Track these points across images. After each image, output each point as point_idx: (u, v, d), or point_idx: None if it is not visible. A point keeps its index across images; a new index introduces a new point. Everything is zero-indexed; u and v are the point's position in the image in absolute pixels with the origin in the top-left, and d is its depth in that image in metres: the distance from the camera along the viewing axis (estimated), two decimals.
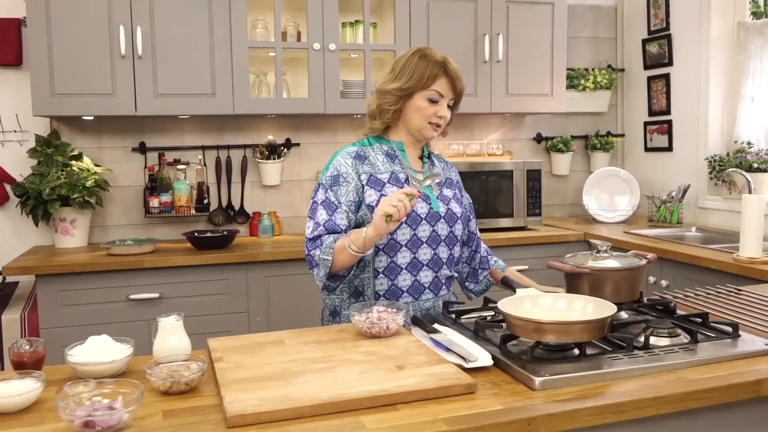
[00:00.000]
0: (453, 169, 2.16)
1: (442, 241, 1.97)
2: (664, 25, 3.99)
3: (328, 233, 1.87)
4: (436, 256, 1.96)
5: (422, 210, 1.94)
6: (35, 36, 3.09)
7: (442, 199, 2.01)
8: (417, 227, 1.92)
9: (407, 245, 1.92)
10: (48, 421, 1.24)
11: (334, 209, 1.90)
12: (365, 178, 1.93)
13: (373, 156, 1.98)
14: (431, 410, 1.25)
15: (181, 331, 1.56)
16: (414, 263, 1.93)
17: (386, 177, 1.95)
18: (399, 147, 2.00)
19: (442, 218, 1.97)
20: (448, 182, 2.08)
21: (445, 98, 1.94)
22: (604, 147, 4.28)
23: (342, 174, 1.92)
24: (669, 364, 1.45)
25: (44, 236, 3.50)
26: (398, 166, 1.98)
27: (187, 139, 3.66)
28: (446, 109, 1.95)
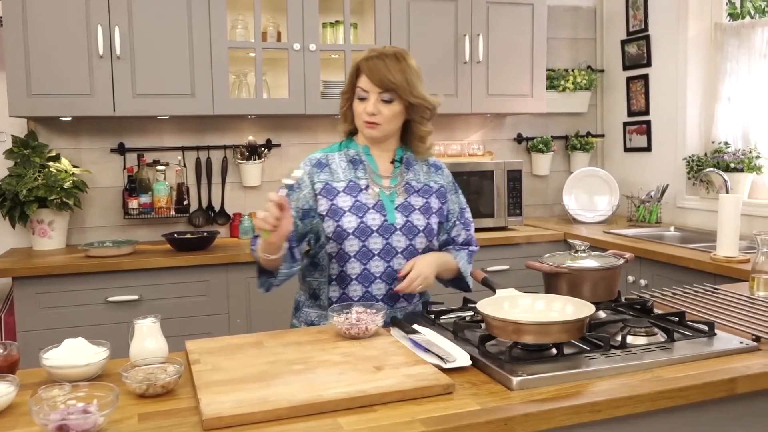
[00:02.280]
0: (440, 173, 2.06)
1: (399, 253, 1.90)
2: (643, 26, 4.02)
3: None
4: (390, 269, 1.89)
5: (373, 222, 1.88)
6: (11, 35, 3.06)
7: (404, 209, 1.92)
8: (367, 239, 1.87)
9: (356, 257, 1.87)
10: (21, 426, 1.23)
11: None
12: (320, 186, 1.90)
13: (336, 163, 1.94)
14: (409, 411, 1.25)
15: (158, 334, 1.55)
16: (365, 275, 1.88)
17: (343, 185, 1.91)
18: (365, 151, 1.96)
19: (398, 230, 1.90)
20: (424, 190, 1.98)
21: (370, 93, 1.86)
22: (584, 147, 4.31)
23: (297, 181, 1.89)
24: (645, 363, 1.46)
25: (21, 238, 3.46)
26: (361, 172, 1.93)
27: (166, 140, 3.64)
28: (374, 105, 1.86)
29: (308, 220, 1.90)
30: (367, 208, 1.89)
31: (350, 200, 1.89)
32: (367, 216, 1.88)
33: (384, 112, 1.87)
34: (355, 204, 1.89)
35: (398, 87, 1.85)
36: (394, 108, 1.88)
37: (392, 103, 1.87)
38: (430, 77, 3.61)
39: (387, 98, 1.87)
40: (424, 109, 1.93)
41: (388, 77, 1.84)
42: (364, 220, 1.87)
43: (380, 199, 1.91)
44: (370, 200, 1.90)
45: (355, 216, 1.87)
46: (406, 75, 1.87)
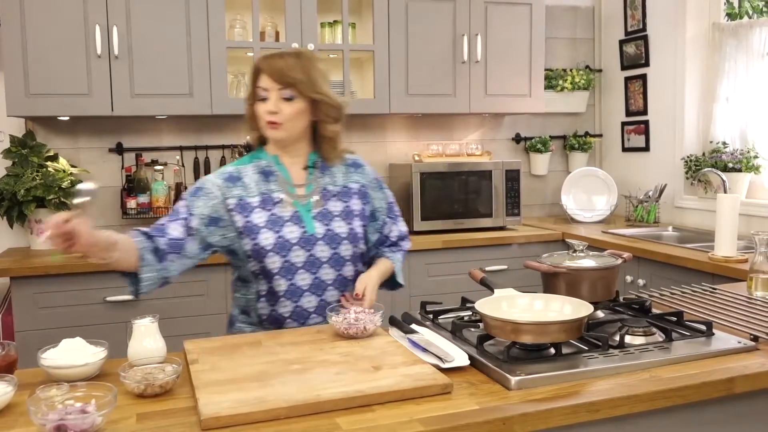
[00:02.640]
0: (361, 171, 1.99)
1: (324, 263, 1.84)
2: (641, 26, 4.03)
3: (148, 235, 1.75)
4: (317, 280, 1.83)
5: (292, 234, 1.81)
6: (10, 35, 3.05)
7: (323, 217, 1.86)
8: (287, 254, 1.80)
9: (280, 273, 1.80)
10: (19, 426, 1.23)
11: (175, 218, 1.79)
12: (233, 202, 1.81)
13: (248, 176, 1.85)
14: (407, 411, 1.25)
15: (156, 333, 1.55)
16: (292, 290, 1.82)
17: (257, 201, 1.83)
18: (275, 161, 1.88)
19: (320, 240, 1.83)
20: (343, 193, 1.92)
21: (270, 91, 1.78)
22: (582, 147, 4.31)
23: (205, 189, 1.82)
24: (643, 362, 1.46)
25: (19, 238, 3.45)
26: (274, 184, 1.86)
27: (164, 140, 3.63)
28: (275, 103, 1.78)
29: (214, 229, 1.80)
30: (283, 222, 1.82)
31: (265, 215, 1.81)
32: (284, 230, 1.81)
33: (285, 111, 1.79)
34: (270, 218, 1.81)
35: (298, 82, 1.77)
36: (295, 106, 1.79)
37: (293, 101, 1.79)
38: (428, 77, 3.65)
39: (287, 95, 1.78)
40: (329, 108, 1.85)
41: (288, 72, 1.77)
42: (282, 234, 1.80)
43: (296, 210, 1.84)
44: (286, 213, 1.83)
45: (272, 231, 1.80)
46: (308, 71, 1.80)
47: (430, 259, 3.44)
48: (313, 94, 1.80)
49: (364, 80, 3.85)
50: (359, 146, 3.96)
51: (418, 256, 3.42)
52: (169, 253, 1.76)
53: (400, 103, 3.63)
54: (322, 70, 1.85)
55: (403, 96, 3.63)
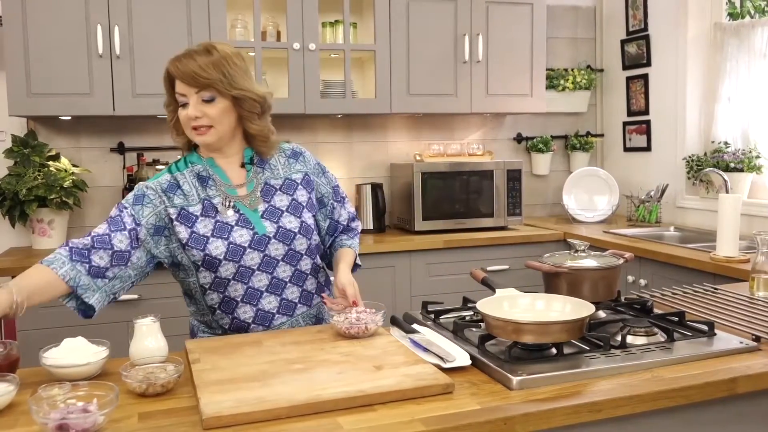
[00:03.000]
0: (302, 159, 1.91)
1: (280, 261, 1.77)
2: (643, 25, 4.02)
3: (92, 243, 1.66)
4: (275, 280, 1.78)
5: (243, 238, 1.73)
6: (11, 35, 3.05)
7: (270, 214, 1.78)
8: (241, 258, 1.73)
9: (236, 278, 1.74)
10: (21, 425, 1.23)
11: (119, 228, 1.69)
12: (175, 212, 1.73)
13: (187, 183, 1.76)
14: (408, 410, 1.25)
15: (158, 333, 1.55)
16: (250, 293, 1.76)
17: (198, 209, 1.74)
18: (210, 164, 1.79)
19: (273, 239, 1.76)
20: (286, 185, 1.84)
21: (188, 96, 1.69)
22: (584, 147, 4.31)
23: (148, 195, 1.74)
24: (645, 362, 1.46)
25: (21, 237, 3.46)
26: (213, 189, 1.77)
27: (166, 139, 3.63)
28: (195, 108, 1.68)
29: (159, 238, 1.73)
30: (230, 227, 1.73)
31: (210, 223, 1.73)
32: (233, 235, 1.73)
33: (209, 113, 1.70)
34: (217, 226, 1.73)
35: (215, 82, 1.67)
36: (218, 106, 1.70)
37: (215, 102, 1.70)
38: (429, 77, 3.65)
39: (207, 97, 1.69)
40: (252, 103, 1.74)
41: (201, 74, 1.66)
42: (232, 240, 1.72)
43: (241, 213, 1.76)
44: (231, 218, 1.74)
45: (221, 239, 1.72)
46: (222, 68, 1.68)
47: (432, 258, 3.44)
48: (232, 91, 1.70)
49: (365, 80, 3.85)
50: (360, 146, 3.97)
51: (420, 256, 3.42)
52: (112, 267, 1.67)
53: (402, 102, 3.63)
54: (239, 64, 1.74)
55: (405, 96, 3.63)
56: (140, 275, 1.75)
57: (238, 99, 1.72)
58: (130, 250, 1.69)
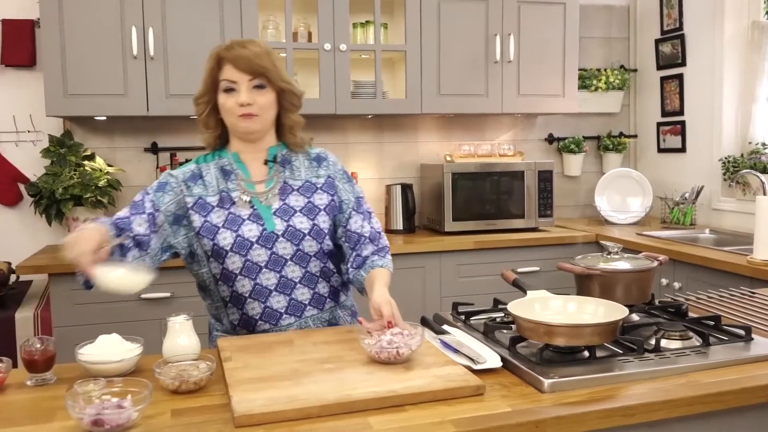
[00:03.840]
0: (325, 164, 1.89)
1: (289, 261, 1.76)
2: (678, 25, 3.96)
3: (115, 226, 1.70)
4: (284, 279, 1.76)
5: (251, 233, 1.74)
6: (48, 37, 3.12)
7: (283, 213, 1.78)
8: (248, 253, 1.73)
9: (242, 273, 1.74)
10: (58, 419, 1.25)
11: (139, 212, 1.73)
12: (192, 201, 1.77)
13: (210, 174, 1.80)
14: (439, 411, 1.25)
15: (191, 331, 1.56)
16: (258, 290, 1.75)
17: (215, 200, 1.77)
18: (235, 158, 1.82)
19: (281, 237, 1.75)
20: (305, 188, 1.84)
21: (240, 83, 1.71)
22: (617, 148, 4.26)
23: (170, 183, 1.79)
24: (680, 367, 1.44)
25: (57, 235, 3.52)
26: (233, 182, 1.79)
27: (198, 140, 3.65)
28: (247, 95, 1.71)
29: (177, 228, 1.77)
30: (241, 220, 1.75)
31: (224, 214, 1.76)
32: (242, 228, 1.74)
33: (259, 101, 1.73)
34: (229, 217, 1.75)
35: (268, 71, 1.72)
36: (268, 95, 1.75)
37: (265, 90, 1.74)
38: (460, 77, 3.64)
39: (258, 83, 1.72)
40: (292, 96, 1.80)
41: (257, 62, 1.71)
42: (240, 233, 1.73)
43: (255, 209, 1.77)
44: (244, 211, 1.76)
45: (230, 231, 1.74)
46: (272, 60, 1.74)
47: (462, 260, 3.43)
48: (281, 83, 1.75)
49: (395, 80, 3.85)
50: (391, 146, 3.97)
51: (449, 257, 3.41)
52: (133, 248, 1.71)
53: (432, 103, 3.62)
54: (279, 58, 1.81)
55: (435, 96, 3.62)
56: (154, 263, 1.75)
57: (283, 91, 1.77)
58: (149, 234, 1.72)
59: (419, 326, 1.59)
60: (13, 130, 3.46)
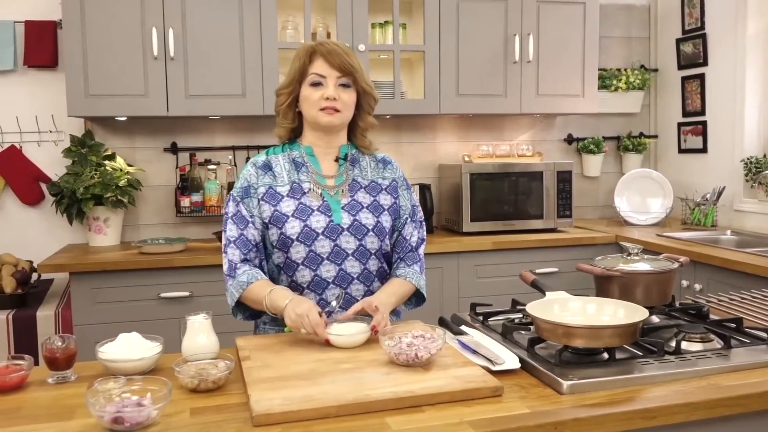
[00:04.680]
0: (390, 168, 1.95)
1: (350, 255, 1.80)
2: (699, 24, 3.92)
3: (241, 252, 1.79)
4: (343, 272, 1.80)
5: (318, 224, 1.78)
6: (70, 38, 3.15)
7: (350, 208, 1.83)
8: (313, 243, 1.77)
9: (305, 263, 1.78)
10: (78, 417, 1.26)
11: (246, 224, 1.81)
12: (263, 191, 1.82)
13: (279, 166, 1.86)
14: (457, 412, 1.25)
15: (210, 330, 1.57)
16: (317, 281, 1.79)
17: (286, 189, 1.82)
18: (308, 152, 1.87)
19: (346, 231, 1.80)
20: (371, 186, 1.88)
21: (328, 78, 1.78)
22: (637, 148, 4.22)
23: (252, 185, 1.83)
24: (701, 369, 1.42)
25: (78, 234, 3.56)
26: (304, 174, 1.85)
27: (217, 140, 3.70)
28: (334, 90, 1.78)
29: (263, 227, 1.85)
30: (311, 211, 1.79)
31: (293, 204, 1.80)
32: (311, 219, 1.78)
33: (343, 98, 1.80)
34: (299, 207, 1.80)
35: (356, 71, 1.79)
36: (351, 94, 1.82)
37: (350, 89, 1.81)
38: (479, 77, 3.62)
39: (345, 82, 1.79)
40: (371, 98, 1.86)
41: (348, 61, 1.78)
42: (308, 223, 1.78)
43: (324, 200, 1.82)
44: (314, 202, 1.81)
45: (299, 220, 1.78)
46: (359, 62, 1.82)
47: (480, 260, 3.42)
48: (364, 84, 1.82)
49: (414, 80, 3.84)
50: (409, 147, 3.96)
51: (467, 258, 3.40)
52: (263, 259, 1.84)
53: (451, 103, 3.61)
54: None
55: (454, 96, 3.61)
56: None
57: (365, 93, 1.84)
58: (259, 239, 1.82)
59: (441, 330, 1.58)
60: (36, 130, 3.50)
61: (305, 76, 1.81)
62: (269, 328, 1.89)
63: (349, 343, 1.58)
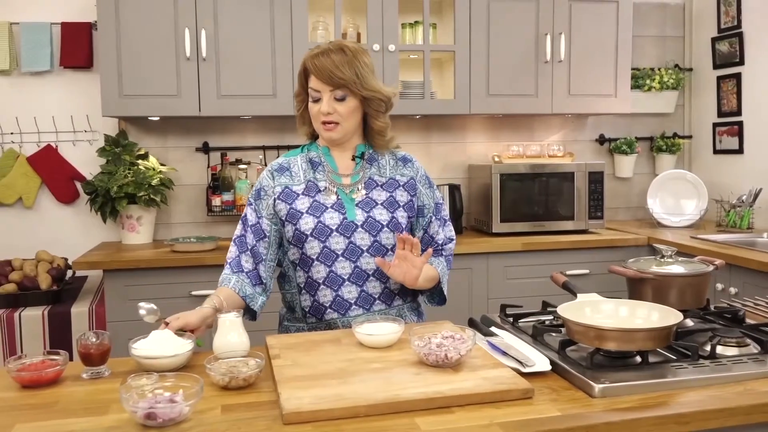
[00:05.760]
0: (410, 166, 1.95)
1: (365, 252, 1.81)
2: (735, 23, 3.85)
3: (238, 249, 1.88)
4: (358, 269, 1.81)
5: (332, 220, 1.80)
6: (105, 39, 3.20)
7: (365, 205, 1.84)
8: (327, 239, 1.80)
9: (319, 259, 1.80)
10: (112, 412, 1.28)
11: (246, 227, 1.88)
12: (279, 190, 1.86)
13: (296, 166, 1.89)
14: (487, 414, 1.24)
15: (240, 328, 1.59)
16: (332, 278, 1.81)
17: (301, 188, 1.85)
18: (324, 152, 1.90)
19: (360, 227, 1.81)
20: (389, 184, 1.89)
21: (323, 92, 1.78)
22: (671, 149, 4.16)
23: (264, 187, 1.88)
24: (737, 374, 1.40)
25: (111, 232, 3.61)
26: (321, 173, 1.87)
27: (248, 140, 3.72)
28: (328, 104, 1.78)
29: (276, 219, 1.87)
30: (324, 208, 1.82)
31: (308, 201, 1.83)
32: (324, 215, 1.81)
33: (340, 111, 1.79)
34: (313, 204, 1.83)
35: (348, 82, 1.76)
36: (349, 105, 1.80)
37: (346, 101, 1.79)
38: (509, 77, 3.60)
39: (339, 96, 1.78)
40: (378, 102, 1.84)
41: (337, 74, 1.75)
42: (322, 219, 1.80)
43: (339, 198, 1.84)
44: (329, 200, 1.83)
45: (313, 216, 1.81)
46: (356, 69, 1.77)
47: (509, 261, 3.40)
48: (363, 92, 1.79)
49: (444, 80, 3.83)
50: (439, 147, 3.95)
51: (497, 258, 3.38)
52: (257, 264, 1.86)
53: (481, 103, 3.60)
54: (368, 63, 1.82)
55: (484, 96, 3.59)
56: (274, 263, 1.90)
57: (367, 98, 1.82)
58: (259, 242, 1.86)
59: (471, 331, 1.58)
60: (71, 130, 3.56)
61: (306, 90, 1.84)
62: (290, 325, 1.93)
63: (379, 343, 1.58)
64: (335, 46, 1.80)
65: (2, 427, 1.23)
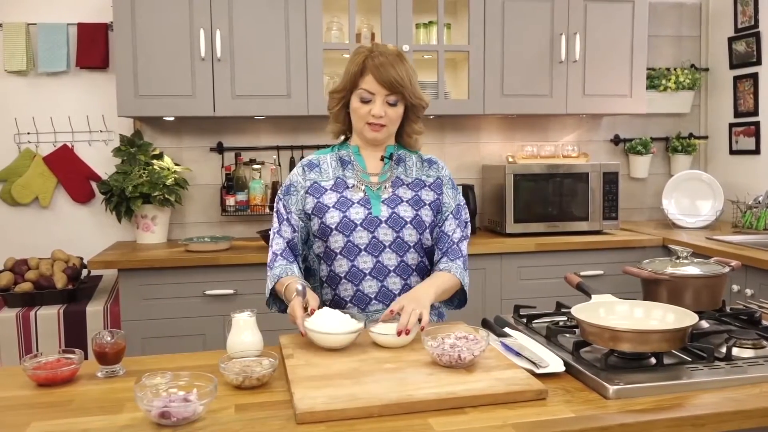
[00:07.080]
0: (436, 167, 1.97)
1: (387, 247, 1.84)
2: (753, 22, 3.81)
3: (284, 240, 1.89)
4: (380, 265, 1.84)
5: (357, 215, 1.84)
6: (121, 40, 3.22)
7: (390, 201, 1.87)
8: (351, 234, 1.83)
9: (342, 253, 1.84)
10: (126, 410, 1.29)
11: (281, 220, 1.91)
12: (308, 185, 1.90)
13: (326, 163, 1.93)
14: (500, 415, 1.24)
15: (254, 327, 1.59)
16: (354, 272, 1.84)
17: (330, 184, 1.89)
18: (354, 151, 1.93)
19: (384, 223, 1.84)
20: (415, 183, 1.92)
21: (376, 95, 1.80)
22: (686, 149, 4.13)
23: (293, 183, 1.92)
24: (753, 377, 1.39)
25: (126, 232, 3.64)
26: (350, 171, 1.91)
27: (262, 140, 3.74)
28: (381, 108, 1.81)
29: (306, 222, 1.91)
30: (351, 203, 1.85)
31: (335, 196, 1.87)
32: (350, 210, 1.84)
33: (390, 114, 1.83)
34: (340, 200, 1.86)
35: (405, 89, 1.81)
36: (398, 110, 1.84)
37: (397, 106, 1.83)
38: (523, 77, 3.60)
39: (392, 101, 1.82)
40: (420, 109, 1.89)
41: (397, 79, 1.79)
42: (347, 214, 1.83)
43: (366, 195, 1.87)
44: (356, 196, 1.87)
45: (339, 211, 1.84)
46: (410, 77, 1.83)
47: (523, 262, 3.38)
48: (413, 99, 1.84)
49: (458, 80, 3.83)
50: (452, 147, 3.95)
51: (511, 259, 3.37)
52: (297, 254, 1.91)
53: (495, 103, 3.59)
54: (415, 71, 1.88)
55: (498, 97, 3.58)
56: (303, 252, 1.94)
57: (413, 105, 1.87)
58: (294, 234, 1.89)
59: (484, 331, 1.57)
60: (87, 130, 3.59)
61: (356, 87, 1.83)
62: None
63: (393, 343, 1.58)
64: (393, 51, 1.83)
65: (18, 424, 1.24)
